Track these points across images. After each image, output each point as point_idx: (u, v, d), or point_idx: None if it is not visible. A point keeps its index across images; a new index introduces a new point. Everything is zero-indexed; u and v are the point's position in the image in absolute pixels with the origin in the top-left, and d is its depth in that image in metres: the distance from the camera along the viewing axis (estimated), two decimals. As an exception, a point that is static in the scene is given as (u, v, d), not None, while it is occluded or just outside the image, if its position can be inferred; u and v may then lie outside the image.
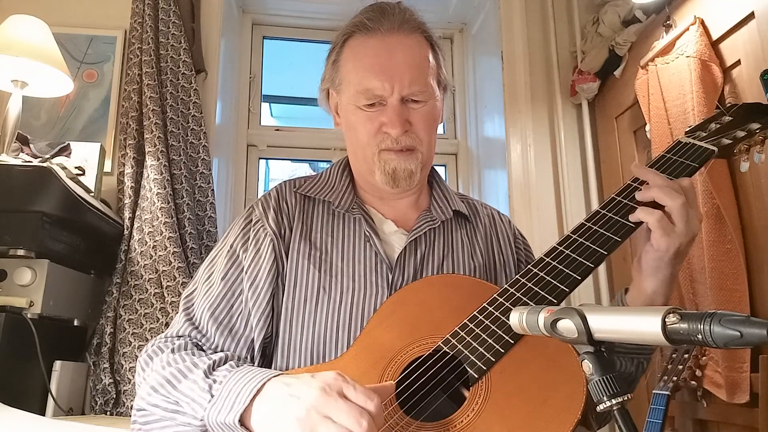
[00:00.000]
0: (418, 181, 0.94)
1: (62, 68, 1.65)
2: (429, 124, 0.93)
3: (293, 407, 0.64)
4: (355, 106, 0.92)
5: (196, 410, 0.72)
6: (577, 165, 2.19)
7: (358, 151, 0.95)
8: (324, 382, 0.65)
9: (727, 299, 1.44)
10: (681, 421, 1.63)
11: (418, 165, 0.92)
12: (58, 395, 1.49)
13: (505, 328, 0.73)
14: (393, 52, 0.90)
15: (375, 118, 0.90)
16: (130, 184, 1.85)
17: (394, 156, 0.90)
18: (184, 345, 0.82)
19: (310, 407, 0.63)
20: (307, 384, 0.66)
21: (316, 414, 0.62)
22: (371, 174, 0.93)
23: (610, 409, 0.52)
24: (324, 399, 0.63)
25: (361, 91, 0.90)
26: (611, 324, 0.52)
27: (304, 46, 2.81)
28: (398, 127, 0.88)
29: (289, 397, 0.65)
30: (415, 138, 0.91)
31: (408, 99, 0.90)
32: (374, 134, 0.91)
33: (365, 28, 0.92)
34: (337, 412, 0.62)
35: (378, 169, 0.91)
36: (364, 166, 0.95)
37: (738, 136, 0.86)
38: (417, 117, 0.91)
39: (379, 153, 0.91)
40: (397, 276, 0.89)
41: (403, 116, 0.89)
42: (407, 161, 0.91)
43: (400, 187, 0.93)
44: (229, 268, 0.90)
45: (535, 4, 2.34)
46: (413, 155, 0.91)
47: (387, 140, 0.90)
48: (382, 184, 0.92)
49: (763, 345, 0.84)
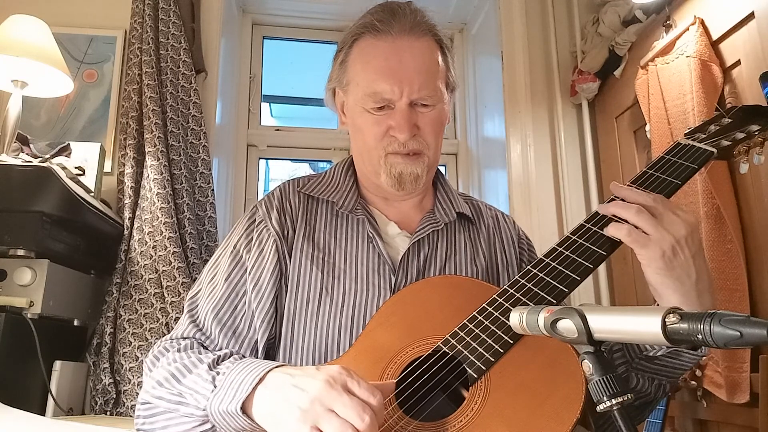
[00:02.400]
0: (423, 184, 0.94)
1: (62, 68, 1.66)
2: (436, 129, 0.92)
3: (297, 398, 0.64)
4: (362, 108, 0.91)
5: (199, 400, 0.73)
6: (577, 165, 2.19)
7: (364, 153, 0.95)
8: (329, 375, 0.65)
9: (727, 299, 1.44)
10: (681, 421, 1.63)
11: (424, 169, 0.91)
12: (58, 395, 1.49)
13: (504, 329, 0.73)
14: (403, 56, 0.89)
15: (383, 122, 0.90)
16: (130, 184, 1.85)
17: (401, 160, 0.90)
18: (190, 345, 0.83)
19: (314, 399, 0.63)
20: (311, 376, 0.66)
21: (320, 406, 0.62)
22: (376, 176, 0.93)
23: (610, 409, 0.52)
24: (328, 392, 0.63)
25: (369, 94, 0.89)
26: (611, 324, 0.52)
27: (304, 46, 2.81)
28: (406, 132, 0.88)
29: (292, 388, 0.65)
30: (423, 142, 0.91)
31: (417, 103, 0.89)
32: (381, 138, 0.90)
33: (375, 30, 0.90)
34: (341, 406, 0.62)
35: (384, 172, 0.91)
36: (370, 168, 0.94)
37: (737, 137, 0.86)
38: (425, 121, 0.90)
39: (385, 156, 0.91)
40: (400, 278, 0.89)
41: (411, 121, 0.88)
42: (414, 165, 0.90)
43: (406, 190, 0.92)
44: (233, 269, 0.89)
45: (535, 4, 2.35)
46: (420, 159, 0.91)
47: (394, 144, 0.90)
48: (387, 186, 0.92)
49: (763, 345, 0.84)
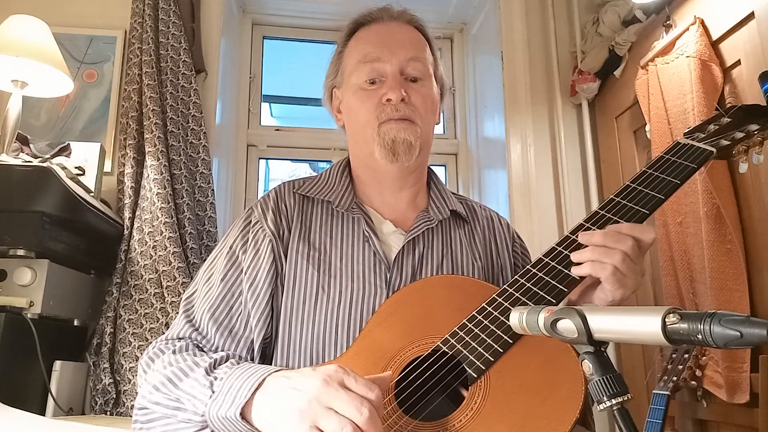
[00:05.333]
0: (416, 162, 0.95)
1: (62, 68, 1.66)
2: (427, 105, 0.96)
3: (295, 399, 0.64)
4: (356, 87, 0.96)
5: (197, 406, 0.73)
6: (577, 165, 2.19)
7: (358, 135, 0.97)
8: (325, 373, 0.65)
9: (727, 299, 1.44)
10: (681, 421, 1.63)
11: (417, 138, 0.93)
12: (58, 395, 1.49)
13: (504, 328, 0.74)
14: (392, 32, 0.98)
15: (375, 94, 0.94)
16: (130, 184, 1.85)
17: (393, 125, 0.92)
18: (186, 346, 0.82)
19: (311, 398, 0.63)
20: (308, 376, 0.66)
21: (318, 405, 0.63)
22: (371, 156, 0.94)
23: (610, 409, 0.52)
24: (325, 390, 0.63)
25: (361, 59, 0.95)
26: (611, 324, 0.52)
27: (304, 46, 2.81)
28: (397, 91, 0.91)
29: (290, 390, 0.66)
30: (415, 111, 0.93)
31: (407, 76, 0.95)
32: (374, 108, 0.93)
33: (368, 19, 0.99)
34: (339, 402, 0.62)
35: (378, 144, 0.92)
36: (365, 149, 0.96)
37: (737, 137, 0.86)
38: (415, 94, 0.94)
39: (378, 127, 0.93)
40: (395, 276, 0.89)
41: (402, 85, 0.93)
42: (406, 131, 0.92)
43: (399, 161, 0.93)
44: (229, 269, 0.90)
45: (535, 4, 2.34)
46: (412, 127, 0.93)
47: (387, 109, 0.92)
48: (381, 158, 0.93)
49: (763, 345, 0.84)
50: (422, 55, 0.97)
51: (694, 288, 1.57)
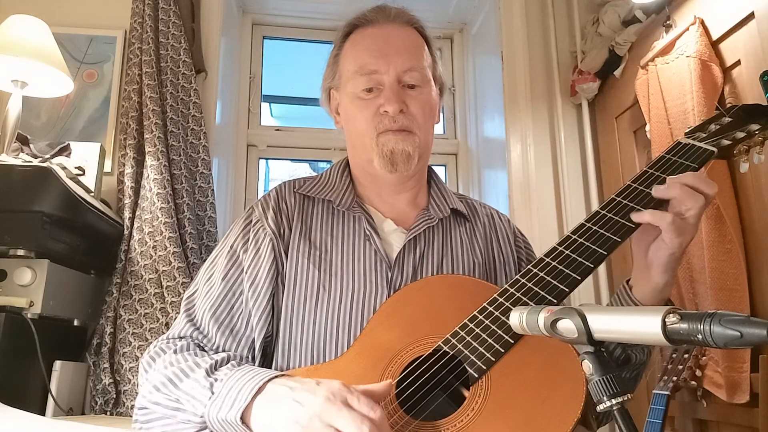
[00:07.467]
0: (415, 168, 0.95)
1: (62, 68, 1.65)
2: (425, 111, 0.94)
3: (296, 412, 0.64)
4: (353, 95, 0.94)
5: (197, 407, 0.73)
6: (577, 165, 2.19)
7: (357, 142, 0.96)
8: (329, 390, 0.65)
9: (727, 299, 1.44)
10: (681, 421, 1.63)
11: (415, 148, 0.92)
12: (58, 395, 1.49)
13: (505, 328, 0.73)
14: (389, 37, 0.95)
15: (373, 104, 0.92)
16: (130, 184, 1.85)
17: (391, 136, 0.91)
18: (186, 346, 0.82)
19: (313, 414, 0.63)
20: (311, 391, 0.66)
21: (319, 422, 0.63)
22: (370, 164, 0.94)
23: (610, 409, 0.52)
24: (328, 407, 0.63)
25: (357, 70, 0.93)
26: (611, 324, 0.52)
27: (304, 46, 2.81)
28: (394, 103, 0.90)
29: (292, 402, 0.66)
30: (413, 120, 0.92)
31: (404, 84, 0.93)
32: (372, 118, 0.92)
33: (364, 22, 0.97)
34: (341, 421, 0.62)
35: (377, 154, 0.92)
36: (363, 156, 0.96)
37: (737, 137, 0.86)
38: (413, 102, 0.93)
39: (377, 137, 0.92)
40: (396, 274, 0.89)
41: (399, 95, 0.91)
42: (404, 142, 0.91)
43: (398, 171, 0.92)
44: (230, 268, 0.90)
45: (535, 4, 2.34)
46: (410, 137, 0.92)
47: (385, 121, 0.91)
48: (380, 168, 0.93)
49: (763, 345, 0.84)
50: (419, 63, 0.95)
51: (694, 288, 1.57)
